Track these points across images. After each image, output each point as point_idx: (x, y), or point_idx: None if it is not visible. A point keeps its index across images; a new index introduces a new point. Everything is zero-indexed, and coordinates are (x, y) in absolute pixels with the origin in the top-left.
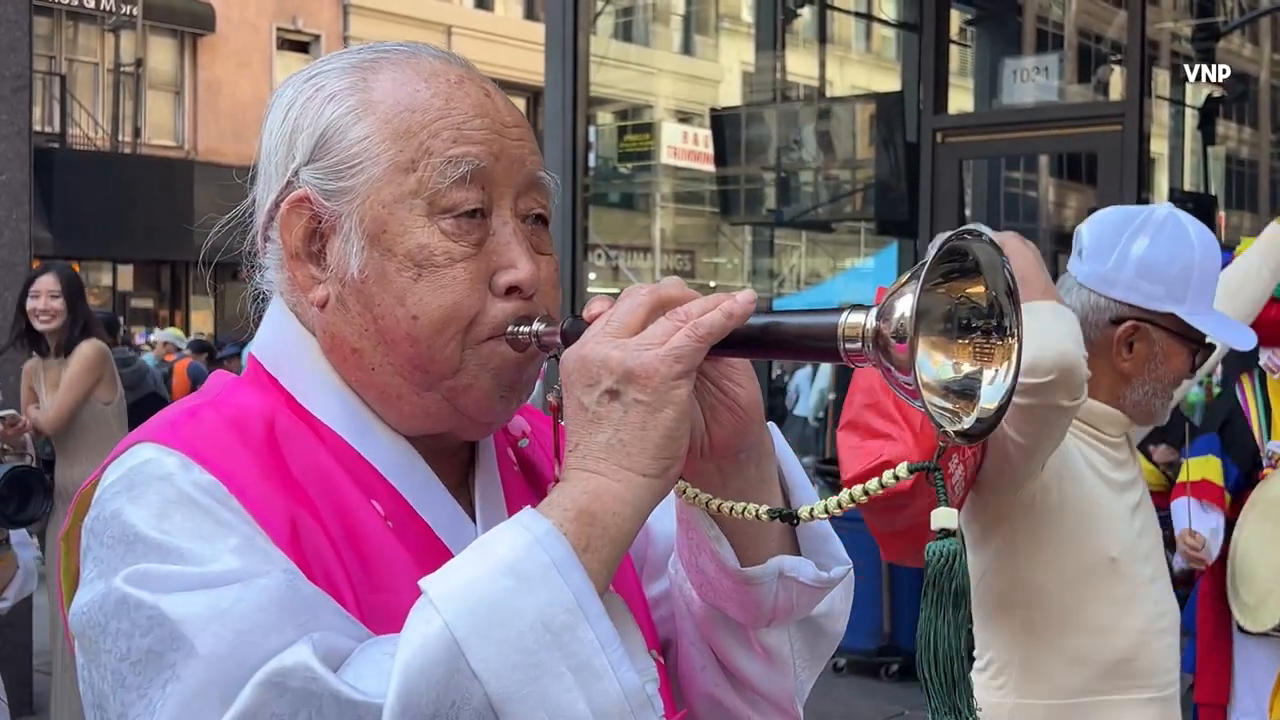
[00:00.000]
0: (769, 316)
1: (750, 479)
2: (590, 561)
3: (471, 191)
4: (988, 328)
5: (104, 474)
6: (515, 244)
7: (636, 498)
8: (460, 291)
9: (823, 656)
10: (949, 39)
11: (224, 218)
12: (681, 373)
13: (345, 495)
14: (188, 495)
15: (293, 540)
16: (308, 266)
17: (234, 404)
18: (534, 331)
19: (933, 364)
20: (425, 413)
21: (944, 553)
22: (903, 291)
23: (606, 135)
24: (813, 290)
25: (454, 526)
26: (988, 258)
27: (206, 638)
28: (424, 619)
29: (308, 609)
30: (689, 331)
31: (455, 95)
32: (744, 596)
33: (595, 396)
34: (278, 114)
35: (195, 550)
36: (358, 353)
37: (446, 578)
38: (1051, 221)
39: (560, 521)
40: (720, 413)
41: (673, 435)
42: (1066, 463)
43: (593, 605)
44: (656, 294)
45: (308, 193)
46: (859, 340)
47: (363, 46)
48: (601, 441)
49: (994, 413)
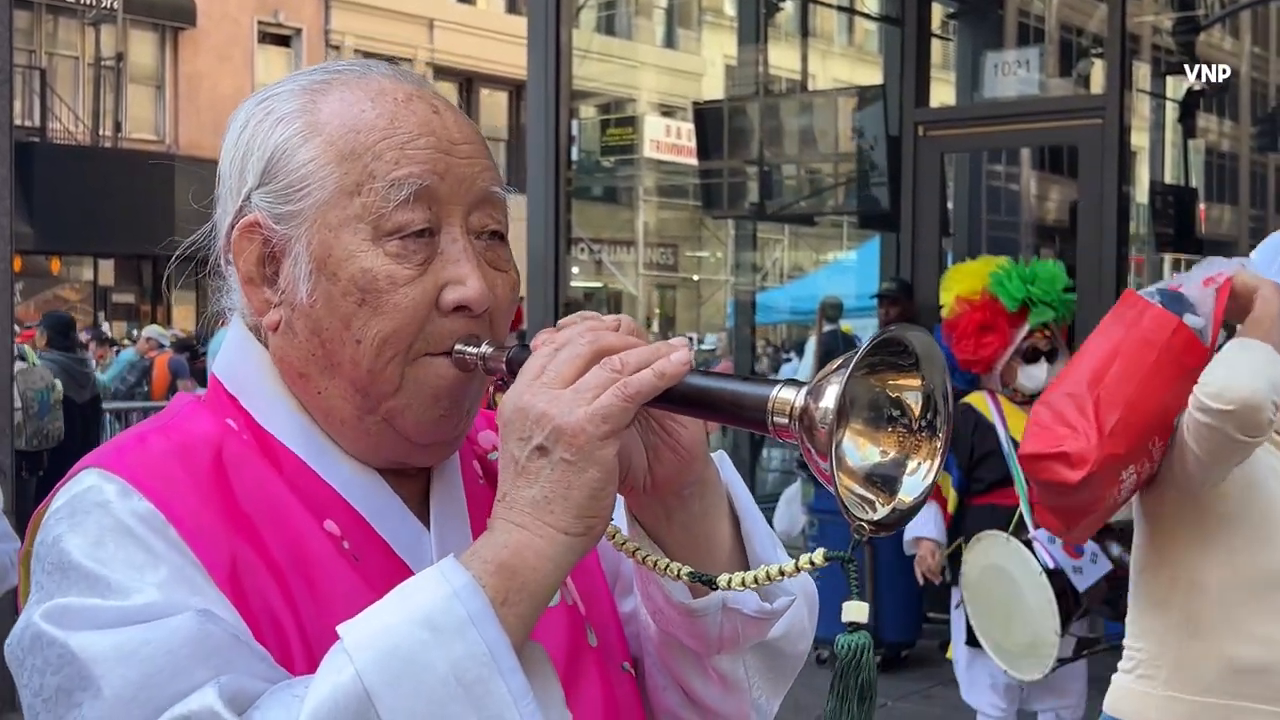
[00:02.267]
0: (704, 379)
1: (695, 513)
2: (507, 615)
3: (417, 212)
4: (918, 422)
5: (53, 498)
6: (465, 261)
7: (558, 554)
8: (403, 316)
9: (787, 675)
10: (931, 32)
11: (195, 233)
12: (609, 432)
13: (295, 521)
14: (123, 524)
15: (230, 573)
16: (262, 290)
17: (183, 430)
18: (481, 354)
19: (858, 450)
20: (367, 436)
21: (853, 646)
22: (833, 376)
23: (589, 129)
24: (795, 283)
25: (414, 544)
26: (926, 351)
27: (113, 679)
28: (336, 667)
29: (218, 652)
30: (618, 391)
31: (400, 114)
32: (691, 627)
33: (526, 451)
34: (232, 137)
35: (122, 581)
36: (305, 377)
37: (364, 625)
38: (1033, 214)
39: (480, 574)
40: (662, 451)
41: (597, 495)
42: (1252, 472)
43: (507, 659)
44: (597, 344)
45: (258, 217)
46: (786, 417)
47: (316, 68)
48: (528, 496)
49: (909, 505)
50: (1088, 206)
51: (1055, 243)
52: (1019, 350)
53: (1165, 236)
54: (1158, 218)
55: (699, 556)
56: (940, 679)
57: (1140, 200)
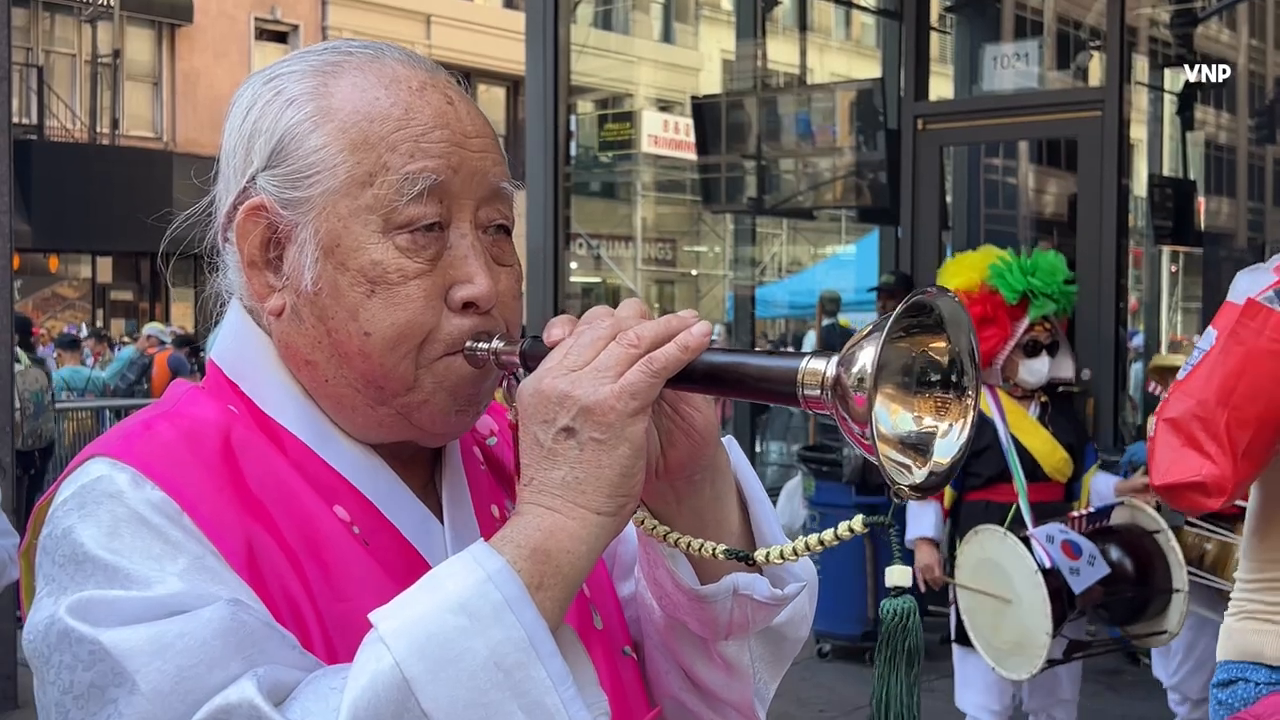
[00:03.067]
0: (729, 355)
1: (706, 498)
2: (543, 600)
3: (429, 206)
4: (946, 382)
5: (58, 489)
6: (473, 258)
7: (591, 535)
8: (414, 309)
9: (785, 659)
10: (929, 26)
11: (183, 214)
12: (637, 409)
13: (305, 505)
14: (138, 514)
15: (248, 559)
16: (264, 274)
17: (189, 416)
18: (492, 349)
19: (890, 416)
20: (380, 425)
21: (899, 611)
22: (864, 343)
23: (587, 124)
24: (794, 278)
25: (422, 529)
26: (952, 314)
27: (149, 673)
28: (374, 655)
29: (253, 641)
30: (643, 367)
31: (415, 104)
32: (700, 612)
33: (551, 433)
34: (238, 114)
35: (142, 572)
36: (311, 364)
37: (397, 613)
38: (1032, 208)
39: (514, 559)
40: (676, 435)
41: (628, 473)
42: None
43: (545, 643)
44: (615, 325)
45: (264, 200)
46: (818, 388)
47: (326, 45)
48: (557, 478)
49: (947, 467)
50: (1087, 199)
51: (1054, 235)
52: (1019, 344)
53: (1164, 229)
54: (1156, 210)
55: (708, 540)
56: (941, 672)
57: (1139, 193)
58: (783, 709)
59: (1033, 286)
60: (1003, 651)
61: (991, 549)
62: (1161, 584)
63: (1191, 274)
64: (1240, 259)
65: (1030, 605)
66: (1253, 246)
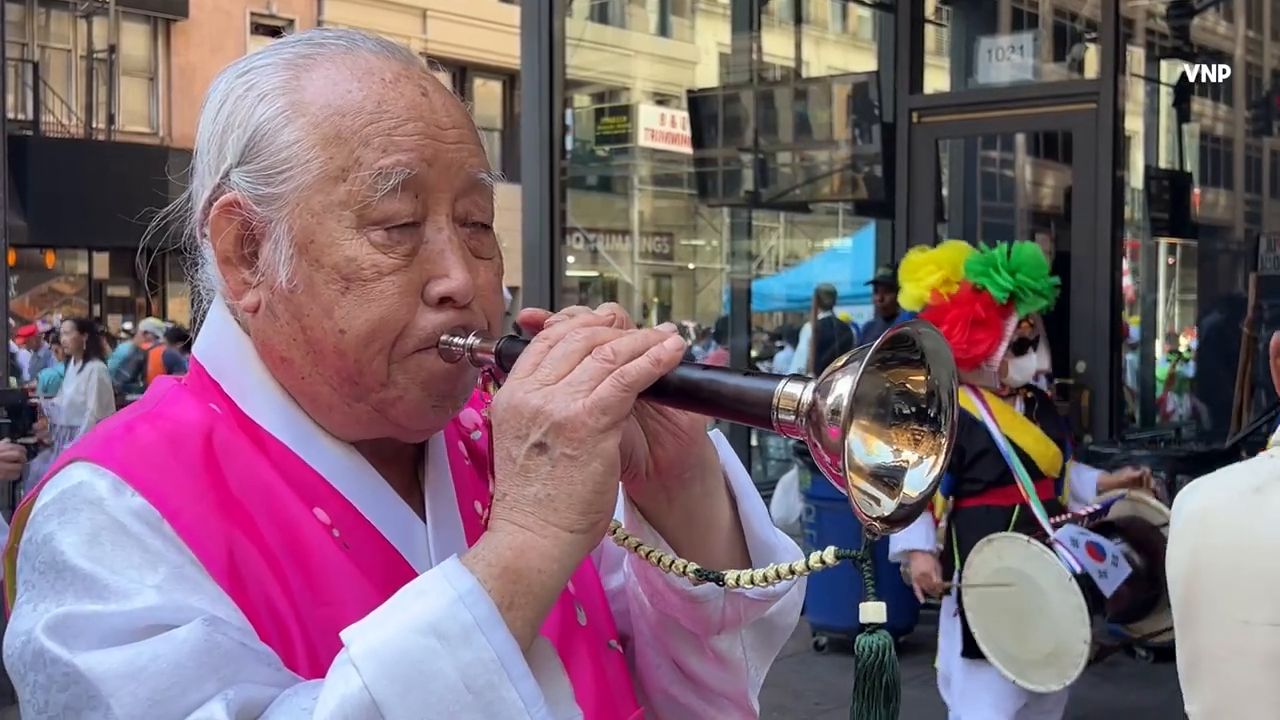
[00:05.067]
0: (704, 371)
1: (695, 495)
2: (514, 620)
3: (404, 202)
4: (922, 415)
5: (40, 493)
6: (449, 252)
7: (563, 554)
8: (388, 306)
9: (776, 646)
10: (924, 19)
11: (163, 210)
12: (609, 424)
13: (287, 509)
14: (118, 521)
15: (229, 566)
16: (239, 271)
17: (171, 418)
18: (468, 345)
19: (865, 445)
20: (357, 421)
21: (874, 647)
22: (843, 372)
23: (583, 118)
24: (791, 271)
25: (404, 529)
26: (934, 348)
27: (123, 697)
28: (343, 678)
29: (228, 661)
30: (615, 381)
31: (388, 96)
32: (692, 610)
33: (524, 449)
34: (211, 108)
35: (120, 583)
36: (287, 361)
37: (367, 633)
38: (1028, 200)
39: (485, 578)
40: (663, 436)
41: (601, 489)
42: None
43: (516, 665)
44: (590, 339)
45: (238, 196)
46: (793, 413)
47: (299, 37)
48: (529, 495)
49: (915, 500)
50: (1082, 191)
51: (1051, 228)
52: (1010, 343)
53: (1160, 221)
54: (1152, 202)
55: (699, 538)
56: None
57: (1135, 185)
58: (778, 701)
59: (1022, 284)
60: (1030, 664)
61: (1013, 557)
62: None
63: (1188, 266)
64: (1236, 251)
65: (1065, 612)
66: (1249, 238)
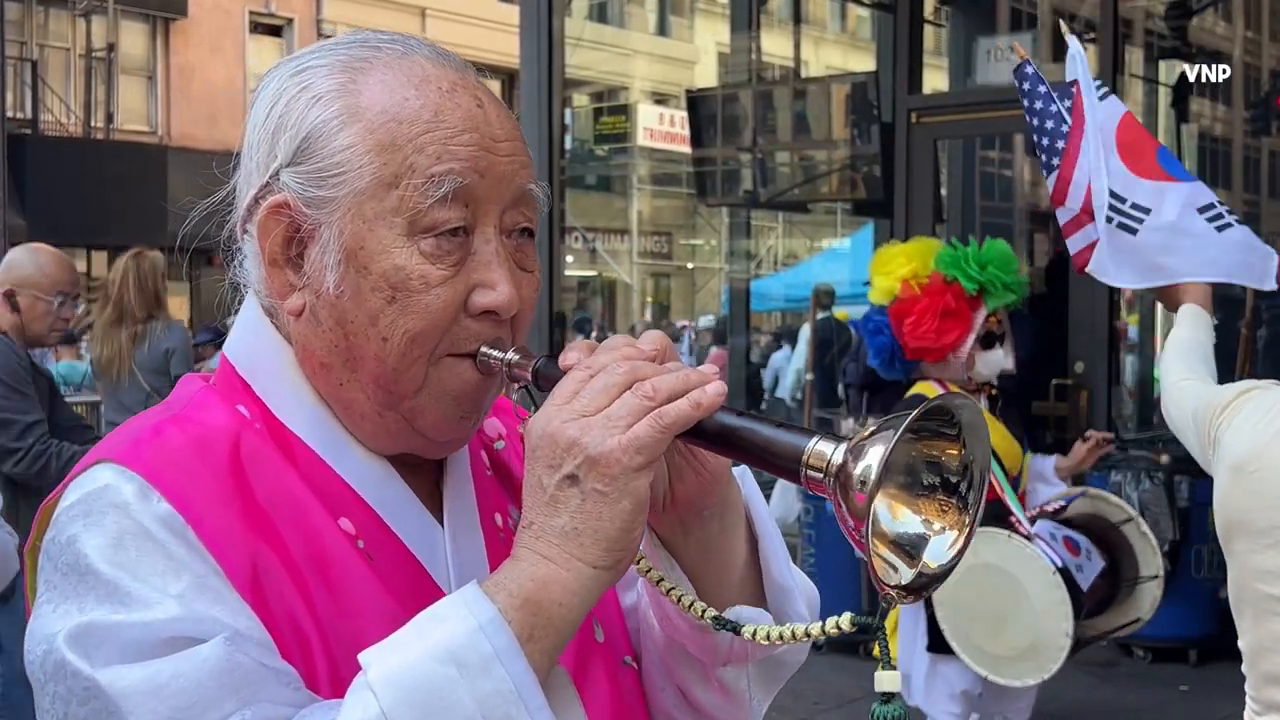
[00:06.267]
0: (740, 419)
1: (713, 532)
2: (533, 652)
3: (454, 210)
4: (951, 487)
5: (65, 493)
6: (496, 265)
7: (584, 589)
8: (433, 317)
9: (780, 681)
10: (923, 19)
11: (199, 206)
12: (643, 464)
13: (312, 519)
14: (144, 527)
15: (252, 577)
16: (285, 273)
17: (200, 422)
18: (507, 360)
19: (890, 514)
20: (385, 432)
21: (889, 717)
22: (876, 439)
23: (582, 118)
24: (789, 271)
25: (426, 539)
26: (971, 422)
27: (143, 714)
28: (361, 703)
29: (248, 681)
30: (653, 421)
31: (445, 106)
32: (700, 639)
33: (555, 479)
34: (262, 107)
35: (142, 592)
36: (326, 367)
37: (386, 658)
38: (1026, 200)
39: (506, 608)
40: (686, 472)
41: (628, 528)
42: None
43: (534, 697)
44: (632, 374)
45: (288, 198)
46: (822, 471)
47: (354, 38)
48: (557, 527)
49: (935, 572)
50: None
51: (1049, 228)
52: (978, 336)
53: None
54: None
55: (715, 572)
56: None
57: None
58: (777, 701)
59: (992, 277)
60: (1004, 659)
61: (991, 553)
62: (1128, 574)
63: None
64: None
65: (1047, 607)
66: None
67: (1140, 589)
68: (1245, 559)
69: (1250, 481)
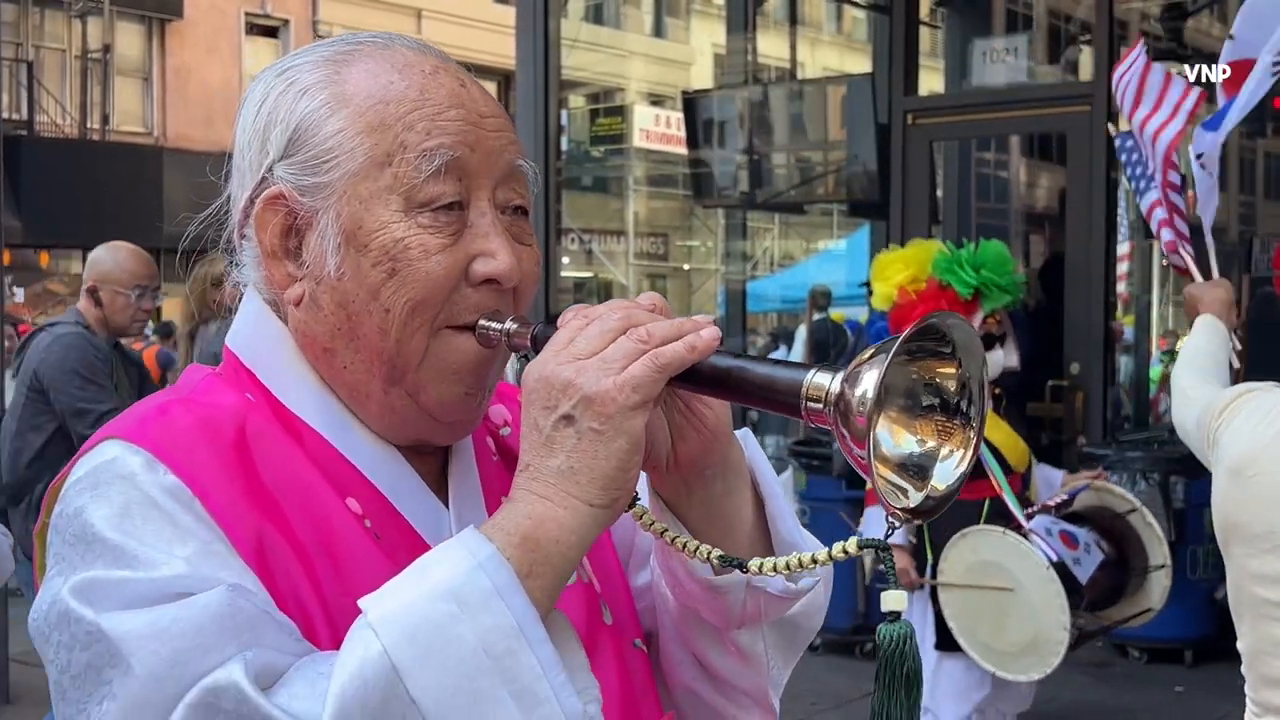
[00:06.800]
0: (735, 360)
1: (716, 493)
2: (532, 588)
3: (448, 184)
4: (953, 409)
5: (72, 469)
6: (494, 235)
7: (581, 526)
8: (434, 284)
9: (799, 647)
10: (919, 20)
11: (198, 217)
12: (638, 403)
13: (319, 498)
14: (150, 497)
15: (257, 552)
16: (284, 264)
17: (206, 403)
18: (505, 330)
19: (892, 437)
20: (392, 411)
21: (895, 636)
22: (871, 363)
23: (578, 119)
24: (785, 272)
25: (433, 521)
26: (965, 341)
27: (144, 656)
28: (362, 642)
29: (249, 626)
30: (648, 361)
31: (430, 86)
32: (713, 602)
33: (551, 420)
34: (250, 109)
35: (149, 554)
36: (330, 351)
37: (385, 600)
38: (1022, 202)
39: (504, 546)
40: (687, 431)
41: (624, 466)
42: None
43: (535, 630)
44: (628, 320)
45: (283, 189)
46: (821, 401)
47: (335, 38)
48: (553, 466)
49: (943, 493)
50: (1076, 193)
51: (1045, 229)
52: None
53: None
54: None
55: (720, 534)
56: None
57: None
58: None
59: (986, 280)
60: (1008, 655)
61: (989, 550)
62: (1137, 564)
63: None
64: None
65: (1044, 602)
66: (1242, 240)
67: (1150, 578)
68: (1243, 563)
69: (1248, 485)
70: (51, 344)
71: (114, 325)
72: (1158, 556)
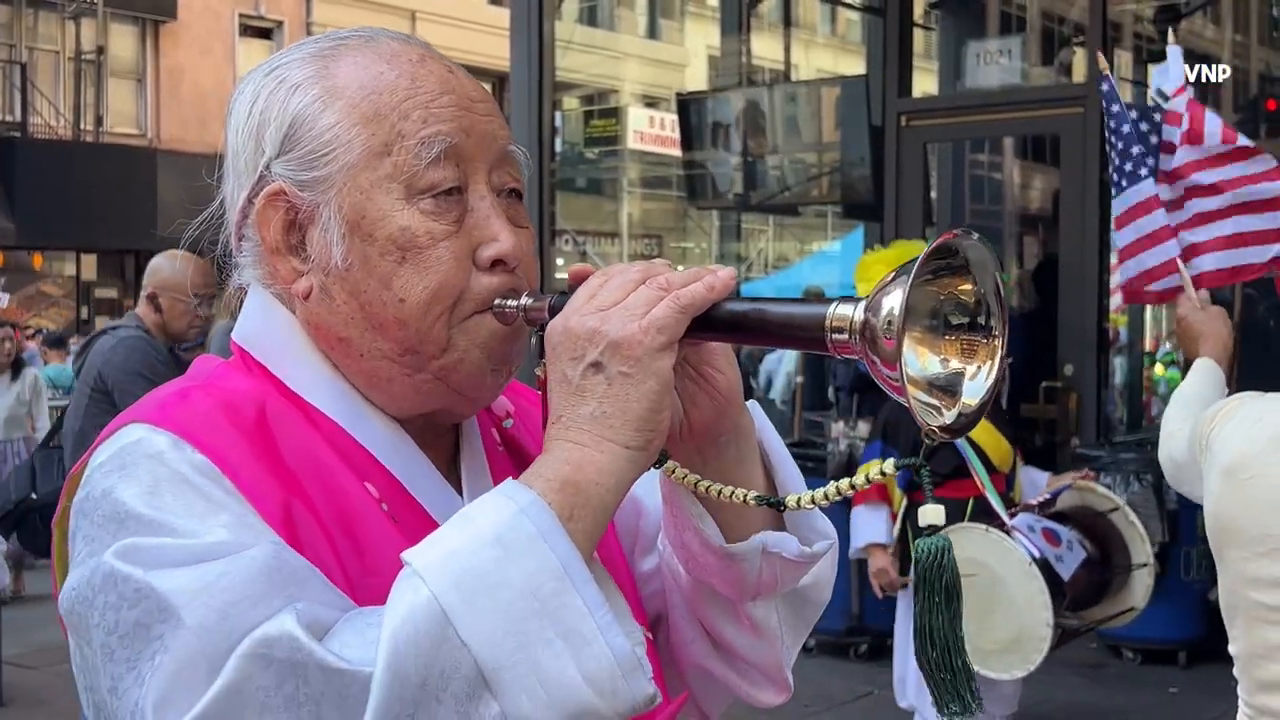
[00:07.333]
0: (754, 303)
1: (730, 460)
2: (574, 530)
3: (447, 170)
4: (973, 324)
5: (93, 454)
6: (495, 217)
7: (619, 469)
8: (446, 270)
9: (808, 623)
10: (913, 22)
11: (196, 221)
12: (664, 344)
13: (338, 479)
14: (180, 473)
15: (286, 524)
16: (289, 259)
17: (223, 387)
18: (521, 305)
19: (918, 359)
20: (417, 391)
21: (933, 549)
22: (892, 287)
23: (572, 120)
24: (780, 274)
25: (447, 506)
26: (977, 256)
27: (195, 609)
28: (410, 589)
29: (295, 580)
30: (670, 302)
31: (419, 74)
32: (728, 572)
33: (579, 369)
34: (241, 110)
35: (186, 526)
36: (345, 340)
37: (430, 549)
38: (1016, 203)
39: (544, 491)
40: (699, 397)
41: (656, 407)
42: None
43: (579, 572)
44: (646, 271)
45: (282, 185)
46: (846, 331)
47: (319, 35)
48: (585, 413)
49: (975, 409)
50: (1070, 195)
51: (1039, 230)
52: None
53: None
54: None
55: (732, 505)
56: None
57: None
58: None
59: None
60: (990, 653)
61: (972, 547)
62: (1120, 562)
63: None
64: None
65: (1027, 599)
66: None
67: (1133, 577)
68: (1237, 566)
69: (1242, 489)
70: (115, 346)
71: (172, 331)
72: (1140, 555)
